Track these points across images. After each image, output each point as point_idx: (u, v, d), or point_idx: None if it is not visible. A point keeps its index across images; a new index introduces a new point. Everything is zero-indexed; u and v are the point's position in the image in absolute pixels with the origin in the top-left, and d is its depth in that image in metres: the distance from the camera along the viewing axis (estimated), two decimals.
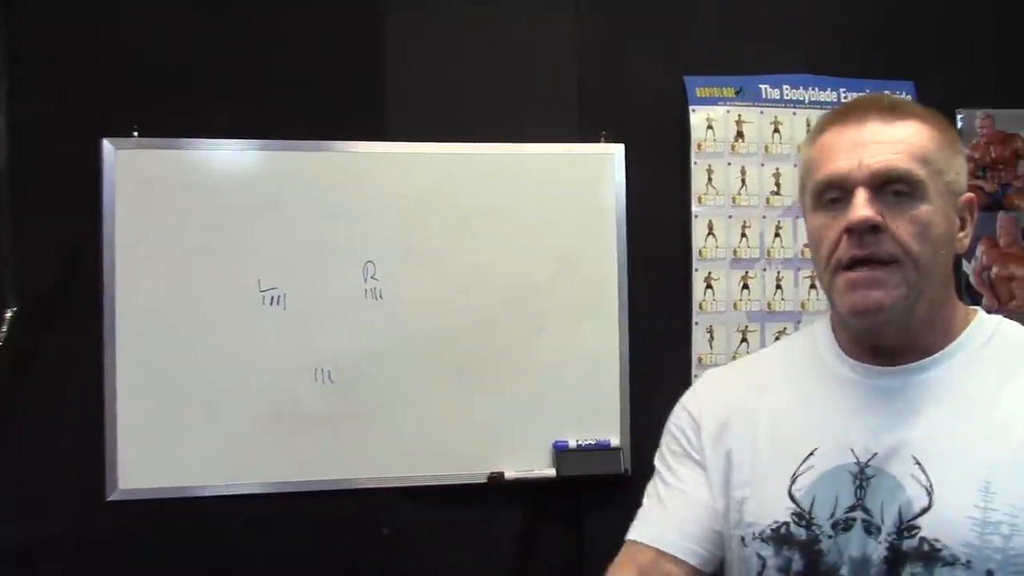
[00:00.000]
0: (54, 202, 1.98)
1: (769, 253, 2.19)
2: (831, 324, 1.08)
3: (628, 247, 2.14)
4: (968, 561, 0.88)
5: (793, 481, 0.99)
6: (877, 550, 0.92)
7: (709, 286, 2.17)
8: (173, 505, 1.98)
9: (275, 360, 2.02)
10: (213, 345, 2.00)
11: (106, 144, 1.97)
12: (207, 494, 1.99)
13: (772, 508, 0.99)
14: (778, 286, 2.19)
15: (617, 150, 2.15)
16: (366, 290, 2.06)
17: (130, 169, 1.98)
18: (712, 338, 2.16)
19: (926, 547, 0.90)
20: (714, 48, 2.22)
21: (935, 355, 0.98)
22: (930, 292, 0.96)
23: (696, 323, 2.16)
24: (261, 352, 2.02)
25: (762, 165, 2.20)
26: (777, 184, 2.19)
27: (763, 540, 0.99)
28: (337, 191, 2.05)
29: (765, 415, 1.05)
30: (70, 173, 1.98)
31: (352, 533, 2.06)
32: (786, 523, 0.98)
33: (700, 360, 2.15)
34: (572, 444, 2.10)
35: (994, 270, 2.27)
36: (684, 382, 2.11)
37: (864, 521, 0.94)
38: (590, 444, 2.10)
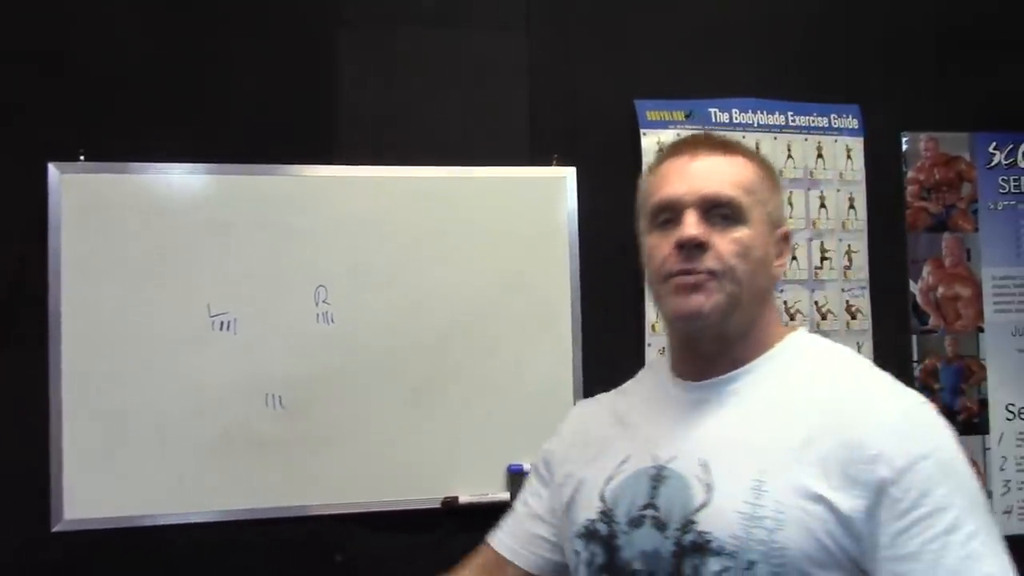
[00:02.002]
0: None
1: None
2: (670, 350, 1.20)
3: (580, 270, 2.14)
4: (733, 552, 0.96)
5: (607, 484, 1.10)
6: (665, 544, 1.01)
7: None
8: (122, 535, 1.94)
9: (225, 385, 2.00)
10: (162, 371, 1.98)
11: (51, 168, 1.95)
12: (157, 523, 1.96)
13: (586, 509, 1.11)
14: None
15: (569, 173, 2.16)
16: (318, 314, 2.04)
17: (76, 193, 1.96)
18: None
19: (700, 540, 0.99)
20: (664, 72, 2.24)
21: (742, 367, 1.09)
22: (746, 306, 1.06)
23: (649, 344, 2.17)
24: (211, 377, 1.99)
25: None
26: None
27: (578, 537, 1.11)
28: (288, 215, 2.04)
29: (605, 433, 1.18)
30: (15, 198, 1.96)
31: (305, 560, 2.03)
32: (593, 520, 1.09)
33: None
34: (526, 467, 2.09)
35: (940, 290, 2.31)
36: None
37: (654, 518, 1.03)
38: None
